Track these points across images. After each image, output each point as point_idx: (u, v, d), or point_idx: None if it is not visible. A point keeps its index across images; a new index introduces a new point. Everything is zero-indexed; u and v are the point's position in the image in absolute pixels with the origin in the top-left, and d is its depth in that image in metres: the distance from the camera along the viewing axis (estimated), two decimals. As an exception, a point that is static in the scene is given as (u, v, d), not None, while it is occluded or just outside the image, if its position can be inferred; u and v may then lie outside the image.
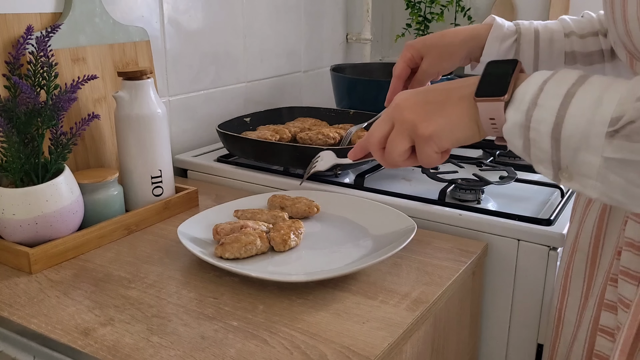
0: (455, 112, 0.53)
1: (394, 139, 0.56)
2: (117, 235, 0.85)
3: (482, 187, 0.94)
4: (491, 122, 0.50)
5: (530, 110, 0.47)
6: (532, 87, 0.48)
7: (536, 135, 0.47)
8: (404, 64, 0.80)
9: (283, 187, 1.02)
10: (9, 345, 0.65)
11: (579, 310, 0.68)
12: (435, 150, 0.54)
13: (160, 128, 0.90)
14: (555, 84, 0.47)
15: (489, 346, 0.90)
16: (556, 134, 0.45)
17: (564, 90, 0.46)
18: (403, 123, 0.55)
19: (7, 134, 0.75)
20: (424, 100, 0.55)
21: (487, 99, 0.50)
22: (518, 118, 0.48)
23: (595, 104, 0.44)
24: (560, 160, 0.46)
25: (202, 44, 1.23)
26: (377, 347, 0.59)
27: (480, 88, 0.51)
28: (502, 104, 0.49)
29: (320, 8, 1.60)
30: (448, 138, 0.53)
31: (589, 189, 0.46)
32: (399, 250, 0.73)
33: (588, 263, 0.66)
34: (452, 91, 0.54)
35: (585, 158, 0.44)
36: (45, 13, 0.90)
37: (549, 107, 0.46)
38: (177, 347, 0.59)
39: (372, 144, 0.59)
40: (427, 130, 0.53)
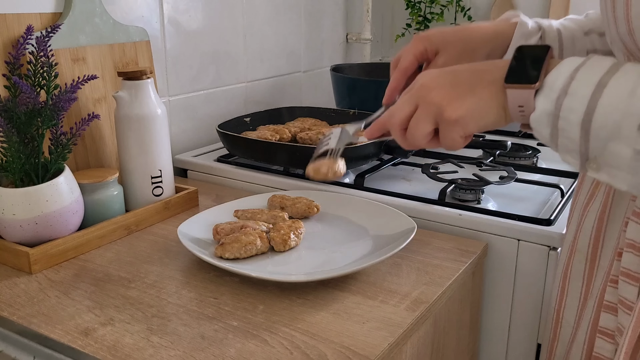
0: (484, 96, 0.51)
1: (418, 121, 0.54)
2: (117, 235, 0.85)
3: (482, 187, 0.94)
4: (519, 109, 0.49)
5: (561, 98, 0.46)
6: (563, 75, 0.46)
7: (565, 125, 0.46)
8: (412, 58, 0.70)
9: (283, 187, 1.02)
10: (9, 345, 0.65)
11: (578, 311, 0.67)
12: (460, 135, 0.53)
13: (160, 128, 0.90)
14: (587, 72, 0.46)
15: (489, 346, 0.90)
16: (586, 124, 0.44)
17: (596, 79, 0.44)
18: (429, 105, 0.53)
19: (7, 134, 0.75)
20: (453, 82, 0.53)
21: (518, 85, 0.49)
22: (547, 106, 0.47)
23: (629, 94, 0.43)
24: (589, 151, 0.45)
25: (202, 44, 1.23)
26: (377, 347, 0.59)
27: (510, 74, 0.50)
28: (532, 92, 0.48)
29: (320, 8, 1.60)
30: (475, 123, 0.52)
31: (619, 181, 0.45)
32: (399, 250, 0.73)
33: (587, 264, 0.66)
34: (483, 74, 0.52)
35: (616, 149, 0.44)
36: (45, 13, 0.90)
37: (580, 95, 0.45)
38: (177, 347, 0.59)
39: (394, 125, 0.56)
40: (455, 114, 0.51)
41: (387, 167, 1.08)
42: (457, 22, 1.67)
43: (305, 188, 0.99)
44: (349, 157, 0.98)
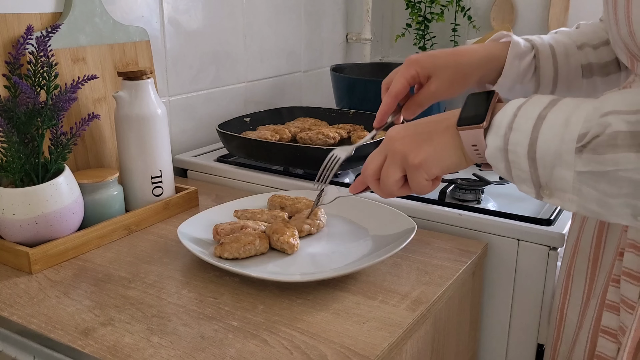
0: (441, 141, 0.56)
1: (387, 170, 0.59)
2: (117, 235, 0.85)
3: (482, 187, 0.94)
4: (474, 149, 0.54)
5: (507, 134, 0.50)
6: (508, 113, 0.51)
7: (514, 157, 0.50)
8: (404, 81, 0.70)
9: (283, 187, 1.02)
10: (9, 345, 0.65)
11: (581, 310, 0.68)
12: (425, 178, 0.57)
13: (160, 128, 0.90)
14: (528, 108, 0.50)
15: (489, 346, 0.90)
16: (532, 153, 0.48)
17: (536, 113, 0.49)
18: (395, 154, 0.58)
19: (7, 134, 0.75)
20: (414, 132, 0.58)
21: (468, 127, 0.53)
22: (498, 143, 0.51)
23: (565, 123, 0.47)
24: (539, 179, 0.49)
25: (202, 44, 1.23)
26: (377, 347, 0.59)
27: (461, 118, 0.55)
28: (481, 131, 0.52)
29: (320, 8, 1.60)
30: (436, 165, 0.56)
31: (567, 203, 0.48)
32: (399, 250, 0.73)
33: (589, 264, 0.66)
34: (439, 122, 0.57)
35: (560, 174, 0.47)
36: (45, 13, 0.90)
37: (523, 130, 0.49)
38: (177, 347, 0.59)
39: (368, 176, 0.62)
40: (417, 159, 0.56)
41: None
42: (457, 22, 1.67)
43: (305, 188, 0.99)
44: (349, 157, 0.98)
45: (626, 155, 0.43)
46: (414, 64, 0.69)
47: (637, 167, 0.43)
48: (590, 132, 0.45)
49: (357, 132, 1.12)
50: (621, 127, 0.43)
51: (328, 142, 1.06)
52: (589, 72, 0.73)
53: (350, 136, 1.12)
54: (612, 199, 0.45)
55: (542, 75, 0.73)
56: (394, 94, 0.70)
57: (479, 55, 0.71)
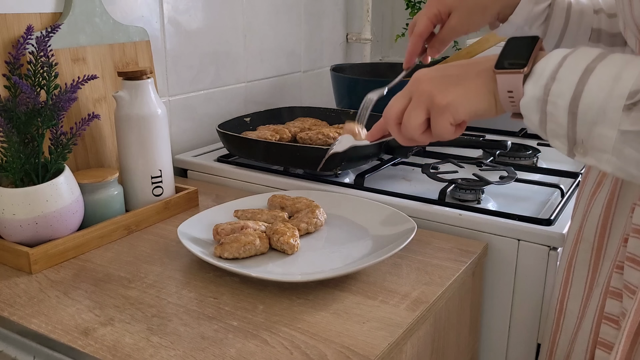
0: (473, 83, 0.53)
1: (411, 111, 0.56)
2: (117, 235, 0.85)
3: (482, 187, 0.94)
4: (509, 96, 0.51)
5: (549, 84, 0.47)
6: (552, 62, 0.48)
7: (553, 109, 0.47)
8: (427, 21, 0.72)
9: (283, 187, 1.02)
10: (9, 345, 0.65)
11: (583, 300, 0.67)
12: (450, 121, 0.55)
13: (160, 128, 0.90)
14: (575, 59, 0.47)
15: (489, 346, 0.90)
16: (573, 107, 0.46)
17: (584, 65, 0.46)
18: (421, 94, 0.56)
19: (7, 134, 0.75)
20: (443, 74, 0.55)
21: (507, 71, 0.50)
22: (536, 92, 0.48)
23: (614, 78, 0.44)
24: (576, 135, 0.47)
25: (202, 43, 1.23)
26: (377, 347, 0.59)
27: (500, 61, 0.52)
28: (521, 77, 0.50)
29: (320, 8, 1.60)
30: (464, 108, 0.54)
31: (604, 163, 0.46)
32: (399, 250, 0.73)
33: (593, 253, 0.66)
34: (471, 66, 0.55)
35: (601, 131, 0.45)
36: (45, 13, 0.90)
37: (568, 81, 0.46)
38: (177, 347, 0.59)
39: (390, 118, 0.59)
40: (444, 100, 0.54)
41: (387, 167, 1.08)
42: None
43: (305, 188, 0.99)
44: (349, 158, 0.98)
45: None
46: (435, 1, 0.71)
47: None
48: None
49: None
50: None
51: (328, 142, 1.06)
52: (597, 37, 0.73)
53: (350, 136, 1.12)
54: None
55: (551, 25, 0.73)
56: (418, 33, 0.72)
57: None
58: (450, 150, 1.18)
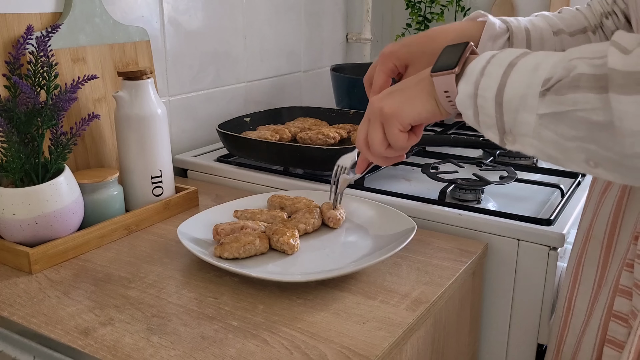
0: (414, 90, 0.59)
1: (370, 132, 0.62)
2: (117, 235, 0.85)
3: (482, 187, 0.94)
4: (446, 95, 0.56)
5: (478, 80, 0.52)
6: (481, 61, 0.53)
7: (483, 102, 0.52)
8: (384, 76, 0.72)
9: (283, 187, 1.02)
10: (9, 345, 0.65)
11: (591, 298, 0.67)
12: (399, 128, 0.59)
13: (160, 128, 0.90)
14: (500, 56, 0.52)
15: (489, 346, 0.90)
16: (499, 98, 0.50)
17: (508, 61, 0.51)
18: (373, 113, 0.61)
19: (7, 134, 0.75)
20: (389, 91, 0.61)
21: (441, 73, 0.55)
22: (468, 88, 0.53)
23: (533, 69, 0.48)
24: (505, 124, 0.51)
25: (202, 43, 1.23)
26: (377, 347, 0.59)
27: (435, 66, 0.57)
28: (453, 77, 0.55)
29: (320, 8, 1.60)
30: (409, 113, 0.58)
31: (527, 147, 0.50)
32: (399, 250, 0.73)
33: (603, 250, 0.66)
34: (415, 77, 0.60)
35: (523, 118, 0.49)
36: (45, 13, 0.90)
37: (494, 75, 0.51)
38: (177, 347, 0.59)
39: (360, 146, 0.65)
40: (390, 109, 0.59)
41: (387, 167, 1.08)
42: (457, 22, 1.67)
43: (305, 188, 0.99)
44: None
45: (585, 96, 0.44)
46: (390, 57, 0.72)
47: (594, 108, 0.44)
48: (555, 75, 0.46)
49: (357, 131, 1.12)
50: (585, 70, 0.45)
51: (328, 142, 1.06)
52: None
53: (350, 136, 1.12)
54: (569, 142, 0.47)
55: None
56: (377, 89, 0.73)
57: (452, 37, 0.72)
58: (450, 150, 1.18)
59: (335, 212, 0.84)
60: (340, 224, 0.85)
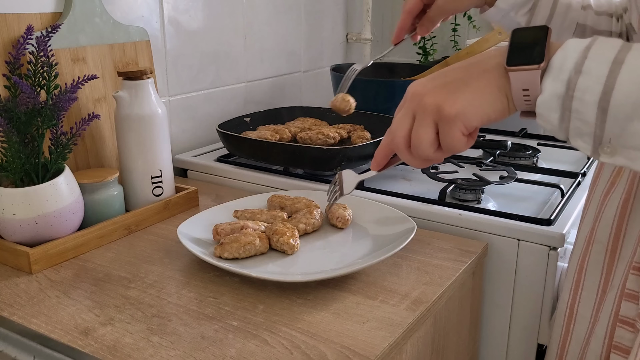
0: (481, 84, 0.49)
1: (419, 130, 0.51)
2: (117, 235, 0.85)
3: (482, 187, 0.94)
4: (524, 94, 0.47)
5: (573, 78, 0.44)
6: (572, 54, 0.44)
7: (580, 106, 0.44)
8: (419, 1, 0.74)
9: (283, 187, 1.02)
10: (9, 345, 0.65)
11: (595, 304, 0.65)
12: (462, 131, 0.50)
13: (160, 128, 0.90)
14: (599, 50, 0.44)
15: (489, 346, 0.90)
16: (604, 102, 0.42)
17: (611, 56, 0.43)
18: (425, 109, 0.50)
19: (7, 134, 0.75)
20: (443, 81, 0.50)
21: (522, 67, 0.46)
22: (557, 88, 0.45)
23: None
24: (604, 133, 0.43)
25: (202, 43, 1.23)
26: (377, 347, 0.59)
27: (511, 56, 0.47)
28: (538, 73, 0.45)
29: (320, 8, 1.60)
30: (477, 114, 0.49)
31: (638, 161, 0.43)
32: (399, 250, 0.73)
33: (607, 254, 0.64)
34: (473, 66, 0.50)
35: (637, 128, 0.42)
36: (45, 13, 0.90)
37: (596, 74, 0.43)
38: (177, 347, 0.59)
39: (398, 144, 0.53)
40: (453, 109, 0.48)
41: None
42: (457, 22, 1.67)
43: (305, 188, 0.99)
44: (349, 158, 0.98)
45: None
46: None
47: None
48: None
49: (357, 131, 1.12)
50: None
51: (328, 142, 1.06)
52: (582, 32, 0.72)
53: (351, 136, 1.12)
54: None
55: (536, 14, 0.71)
56: (407, 10, 0.74)
57: None
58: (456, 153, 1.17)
59: (344, 212, 0.84)
60: (349, 224, 0.85)
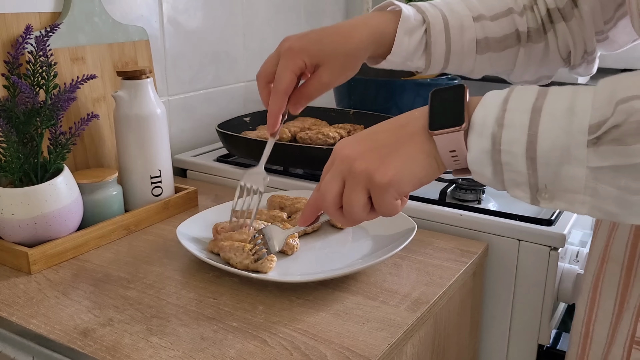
0: (410, 150, 0.48)
1: (350, 195, 0.50)
2: (116, 235, 0.84)
3: (482, 187, 0.93)
4: (452, 155, 0.47)
5: (496, 133, 0.44)
6: (492, 109, 0.44)
7: (510, 158, 0.43)
8: (293, 75, 0.65)
9: (283, 187, 1.02)
10: (8, 346, 0.65)
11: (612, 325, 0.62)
12: (395, 197, 0.49)
13: (159, 128, 0.90)
14: (516, 100, 0.44)
15: (490, 347, 0.89)
16: (531, 152, 0.42)
17: (529, 105, 0.43)
18: (356, 176, 0.49)
19: (6, 134, 0.75)
20: (373, 145, 0.50)
21: (444, 130, 0.46)
22: (484, 144, 0.44)
23: (568, 113, 0.41)
24: (538, 180, 0.43)
25: (201, 43, 1.22)
26: (377, 347, 0.59)
27: (433, 121, 0.47)
28: (461, 134, 0.45)
29: (320, 8, 1.59)
30: (409, 180, 0.48)
31: (578, 205, 0.43)
32: (399, 250, 0.73)
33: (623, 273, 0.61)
34: (400, 129, 0.49)
35: (568, 172, 0.42)
36: (44, 12, 0.89)
37: (518, 124, 0.43)
38: (176, 347, 0.59)
39: (328, 207, 0.52)
40: (385, 177, 0.48)
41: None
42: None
43: (305, 188, 0.99)
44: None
45: None
46: (300, 53, 0.64)
47: None
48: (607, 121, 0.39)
49: (357, 131, 1.11)
50: None
51: (328, 142, 1.05)
52: (485, 47, 0.69)
53: (350, 136, 1.12)
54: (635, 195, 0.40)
55: (433, 52, 0.69)
56: (283, 90, 0.65)
57: (366, 34, 0.65)
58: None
59: None
60: None
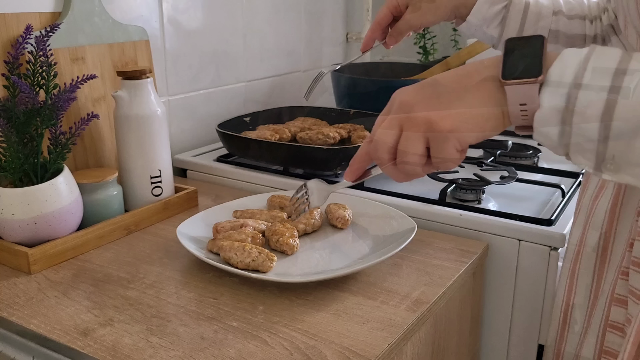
0: (476, 98, 0.45)
1: (407, 144, 0.48)
2: (116, 235, 0.84)
3: (482, 187, 0.93)
4: (521, 109, 0.44)
5: (573, 92, 0.41)
6: (570, 66, 0.42)
7: (581, 121, 0.41)
8: (387, 11, 0.80)
9: (283, 187, 1.02)
10: (8, 346, 0.65)
11: (588, 310, 0.65)
12: (457, 148, 0.47)
13: (159, 128, 0.90)
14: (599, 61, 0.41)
15: (490, 347, 0.89)
16: (607, 117, 0.40)
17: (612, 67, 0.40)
18: (415, 122, 0.47)
19: (6, 134, 0.75)
20: (435, 92, 0.47)
21: (519, 81, 0.43)
22: (557, 102, 0.42)
23: None
24: (607, 149, 0.41)
25: (201, 43, 1.22)
26: (377, 347, 0.59)
27: (507, 69, 0.44)
28: (537, 87, 0.43)
29: (320, 7, 1.59)
30: (472, 130, 0.46)
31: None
32: (399, 250, 0.73)
33: (597, 260, 0.64)
34: (465, 77, 0.47)
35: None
36: (44, 12, 0.89)
37: (598, 87, 0.40)
38: (176, 347, 0.59)
39: (382, 157, 0.50)
40: (447, 124, 0.45)
41: (387, 167, 1.08)
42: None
43: (305, 188, 0.99)
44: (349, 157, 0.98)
45: None
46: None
47: None
48: None
49: (358, 131, 1.12)
50: None
51: (328, 142, 1.05)
52: (555, 38, 0.74)
53: (351, 136, 1.12)
54: None
55: (507, 26, 0.75)
56: (377, 21, 0.81)
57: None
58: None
59: (344, 212, 0.84)
60: (349, 225, 0.85)
